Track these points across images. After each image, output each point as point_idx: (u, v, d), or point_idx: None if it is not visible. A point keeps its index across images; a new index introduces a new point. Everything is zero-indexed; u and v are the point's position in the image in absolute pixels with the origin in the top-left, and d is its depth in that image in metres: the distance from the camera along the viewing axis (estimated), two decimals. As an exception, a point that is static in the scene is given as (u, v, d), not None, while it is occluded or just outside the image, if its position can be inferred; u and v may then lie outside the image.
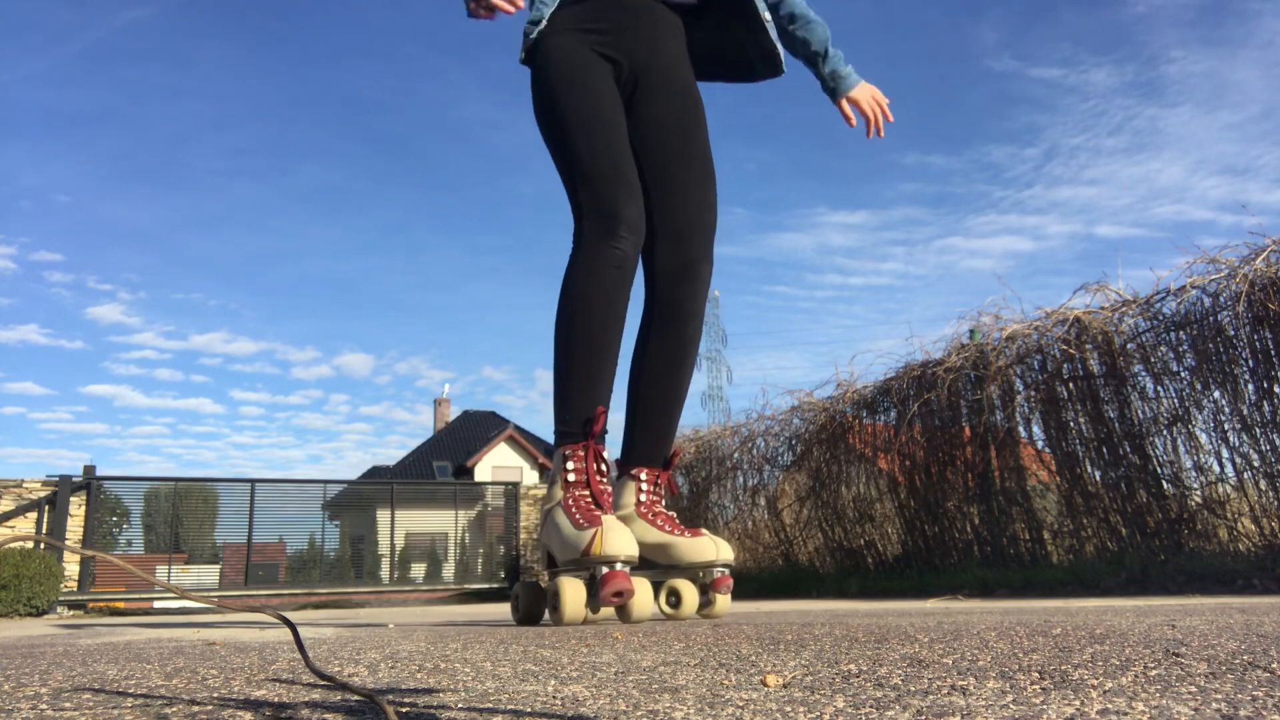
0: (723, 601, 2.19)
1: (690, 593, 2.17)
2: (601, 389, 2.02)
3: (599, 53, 2.19)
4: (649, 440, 2.22)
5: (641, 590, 1.98)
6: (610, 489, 2.07)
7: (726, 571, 2.17)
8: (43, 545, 7.22)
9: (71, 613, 7.53)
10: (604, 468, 2.05)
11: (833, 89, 2.42)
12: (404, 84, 56.08)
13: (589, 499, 2.00)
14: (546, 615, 2.06)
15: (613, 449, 2.25)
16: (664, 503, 2.25)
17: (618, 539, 1.88)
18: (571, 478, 2.00)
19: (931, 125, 62.90)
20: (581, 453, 2.01)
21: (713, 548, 2.11)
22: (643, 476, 2.22)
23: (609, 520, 1.91)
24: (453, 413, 35.11)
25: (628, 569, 1.91)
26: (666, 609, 2.19)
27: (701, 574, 2.17)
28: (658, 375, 2.20)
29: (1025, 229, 57.87)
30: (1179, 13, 64.28)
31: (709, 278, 2.21)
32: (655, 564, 2.15)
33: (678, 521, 2.19)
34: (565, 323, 2.03)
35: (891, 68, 60.26)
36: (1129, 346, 4.42)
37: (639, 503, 2.20)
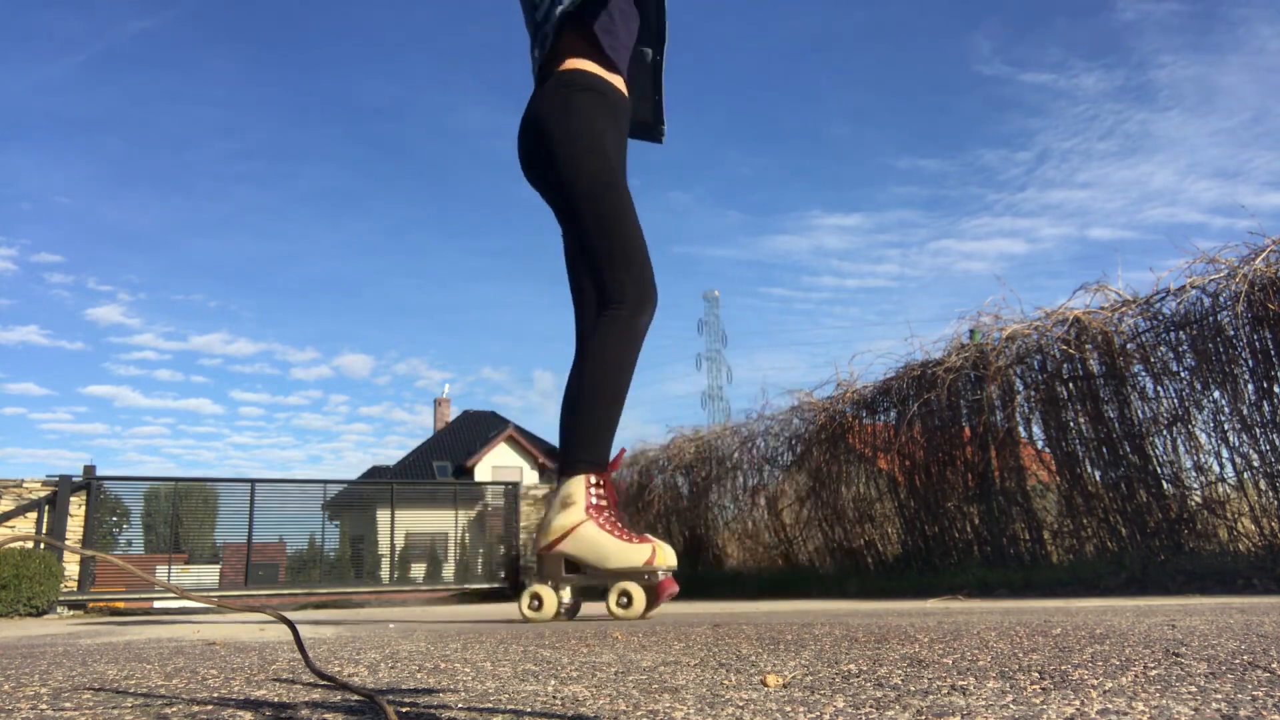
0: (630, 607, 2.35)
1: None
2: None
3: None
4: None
5: (547, 595, 2.34)
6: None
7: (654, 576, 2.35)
8: (43, 545, 7.22)
9: (71, 613, 7.53)
10: (615, 495, 2.40)
11: None
12: (406, 90, 56.09)
13: (617, 521, 2.35)
14: (546, 611, 2.36)
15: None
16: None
17: (670, 553, 2.34)
18: (594, 500, 2.32)
19: (924, 129, 62.87)
20: (602, 481, 2.33)
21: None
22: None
23: (658, 541, 2.34)
24: (452, 413, 35.06)
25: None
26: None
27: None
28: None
29: (1019, 231, 57.88)
30: (1167, 19, 64.36)
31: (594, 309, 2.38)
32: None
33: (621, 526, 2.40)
34: (613, 378, 2.31)
35: (886, 72, 60.28)
36: (1129, 346, 4.42)
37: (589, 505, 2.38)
